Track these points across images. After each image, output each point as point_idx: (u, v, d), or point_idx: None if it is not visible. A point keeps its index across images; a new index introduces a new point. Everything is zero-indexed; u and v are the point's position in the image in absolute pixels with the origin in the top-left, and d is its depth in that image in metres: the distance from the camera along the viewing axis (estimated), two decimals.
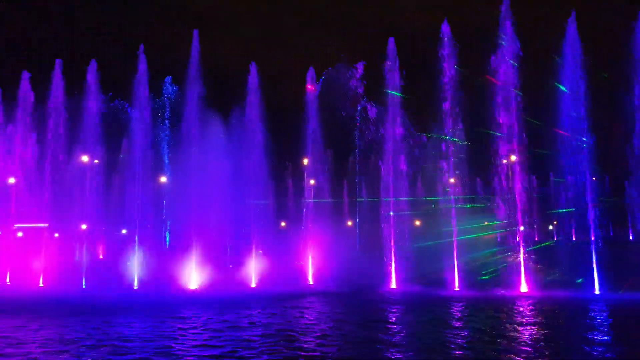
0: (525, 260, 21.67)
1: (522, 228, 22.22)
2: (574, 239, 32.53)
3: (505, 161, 22.67)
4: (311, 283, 25.25)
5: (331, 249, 26.91)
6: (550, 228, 52.22)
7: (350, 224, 46.30)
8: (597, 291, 20.15)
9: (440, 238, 23.71)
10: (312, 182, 28.72)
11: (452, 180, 23.89)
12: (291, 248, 28.98)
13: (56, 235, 30.42)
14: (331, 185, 36.33)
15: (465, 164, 23.91)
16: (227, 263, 27.51)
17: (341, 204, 45.24)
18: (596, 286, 20.27)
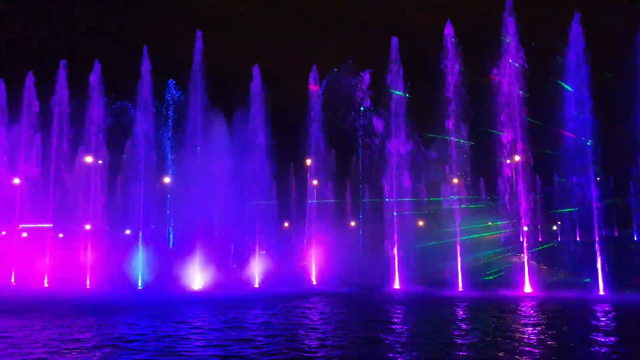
0: (528, 260, 21.62)
1: (526, 228, 22.17)
2: (578, 239, 32.39)
3: (508, 161, 22.62)
4: (314, 283, 25.26)
5: (334, 250, 26.91)
6: (554, 228, 52.05)
7: (353, 225, 46.28)
8: (602, 291, 20.06)
9: (443, 238, 23.68)
10: (315, 183, 28.73)
11: (456, 180, 23.86)
12: (294, 248, 29.01)
13: (60, 235, 30.53)
14: (334, 185, 36.35)
15: (468, 164, 23.88)
16: (231, 263, 27.55)
17: (344, 205, 45.22)
18: (600, 286, 20.18)
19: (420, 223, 33.72)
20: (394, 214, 24.84)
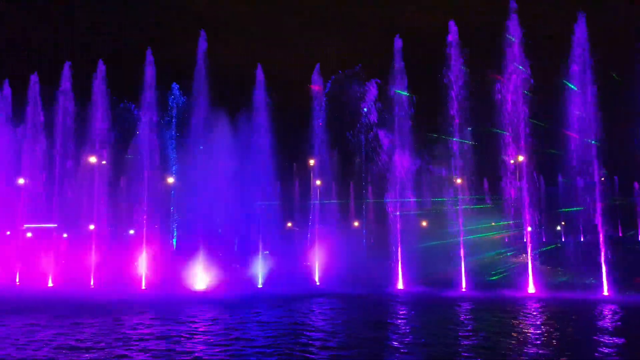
0: (532, 261, 21.55)
1: (530, 229, 22.10)
2: (582, 240, 32.29)
3: (512, 161, 22.56)
4: (318, 284, 25.26)
5: (338, 250, 26.90)
6: (558, 229, 51.89)
7: (356, 225, 46.26)
8: (606, 292, 20.00)
9: (447, 238, 23.64)
10: (319, 183, 28.72)
11: (459, 180, 23.81)
12: (298, 249, 29.01)
13: (65, 235, 30.65)
14: (337, 185, 36.30)
15: (472, 165, 23.82)
16: (234, 263, 27.57)
17: (348, 205, 45.20)
18: (605, 287, 20.11)
19: (423, 223, 33.67)
20: (398, 214, 24.81)
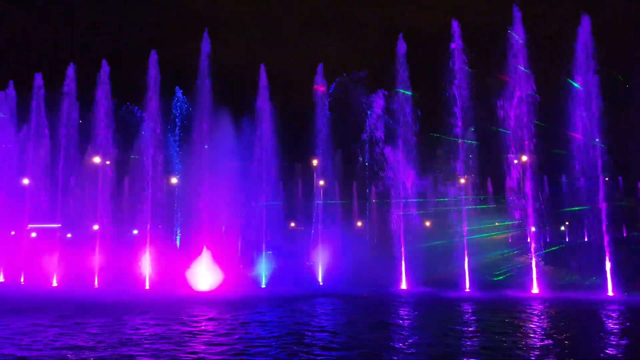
0: (536, 261, 21.48)
1: (534, 229, 22.03)
2: (587, 240, 32.15)
3: (516, 161, 22.50)
4: (321, 284, 25.26)
5: (341, 250, 26.89)
6: (562, 229, 51.73)
7: (360, 225, 46.24)
8: (611, 292, 19.92)
9: (450, 238, 23.58)
10: (322, 183, 28.72)
11: (463, 180, 23.76)
12: (301, 249, 29.01)
13: (69, 235, 30.77)
14: (341, 185, 36.27)
15: (475, 164, 23.76)
16: (238, 263, 27.60)
17: (351, 205, 45.19)
18: (609, 287, 20.03)
19: (427, 223, 33.62)
20: (401, 214, 24.77)
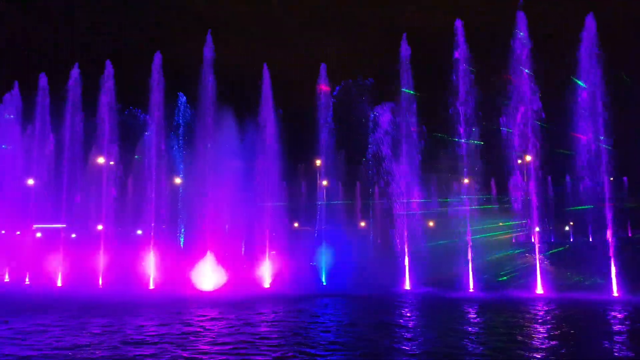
0: (541, 261, 21.41)
1: (538, 229, 21.96)
2: (591, 240, 32.02)
3: (520, 161, 22.44)
4: (325, 284, 25.26)
5: (344, 250, 26.88)
6: (566, 229, 51.58)
7: (363, 225, 46.23)
8: (616, 293, 19.83)
9: (453, 239, 23.54)
10: (325, 183, 28.72)
11: (466, 180, 23.71)
12: (304, 249, 29.02)
13: (73, 235, 30.90)
14: (344, 186, 36.25)
15: (479, 164, 23.70)
16: (241, 263, 27.65)
17: (354, 205, 45.18)
18: (614, 288, 19.94)
19: (430, 224, 33.57)
20: (404, 214, 24.74)
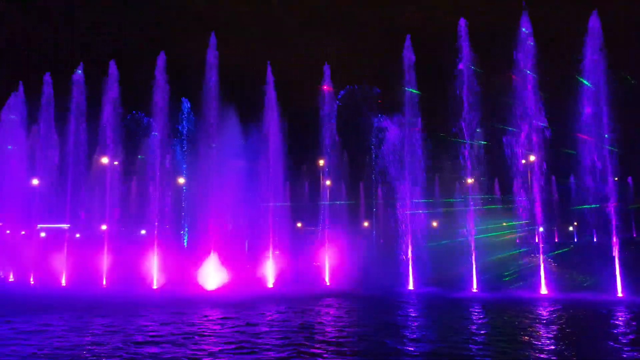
0: (545, 261, 21.34)
1: (542, 229, 21.89)
2: (595, 241, 31.89)
3: (524, 161, 22.36)
4: (328, 284, 25.26)
5: (348, 250, 26.87)
6: (570, 229, 51.39)
7: (366, 225, 46.20)
8: (620, 293, 19.75)
9: (457, 239, 23.50)
10: (328, 183, 28.72)
11: (470, 180, 23.66)
12: (308, 249, 29.04)
13: (77, 235, 31.00)
14: (348, 186, 36.18)
15: (483, 164, 23.65)
16: (245, 263, 27.68)
17: (357, 205, 45.14)
18: (619, 289, 19.86)
19: (434, 223, 33.52)
20: (408, 214, 24.70)
